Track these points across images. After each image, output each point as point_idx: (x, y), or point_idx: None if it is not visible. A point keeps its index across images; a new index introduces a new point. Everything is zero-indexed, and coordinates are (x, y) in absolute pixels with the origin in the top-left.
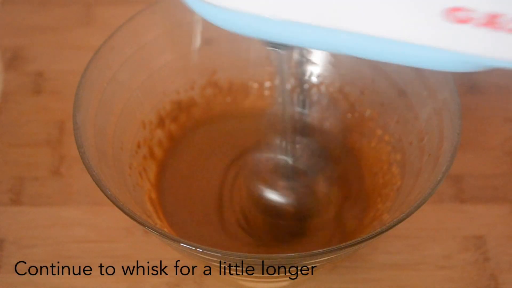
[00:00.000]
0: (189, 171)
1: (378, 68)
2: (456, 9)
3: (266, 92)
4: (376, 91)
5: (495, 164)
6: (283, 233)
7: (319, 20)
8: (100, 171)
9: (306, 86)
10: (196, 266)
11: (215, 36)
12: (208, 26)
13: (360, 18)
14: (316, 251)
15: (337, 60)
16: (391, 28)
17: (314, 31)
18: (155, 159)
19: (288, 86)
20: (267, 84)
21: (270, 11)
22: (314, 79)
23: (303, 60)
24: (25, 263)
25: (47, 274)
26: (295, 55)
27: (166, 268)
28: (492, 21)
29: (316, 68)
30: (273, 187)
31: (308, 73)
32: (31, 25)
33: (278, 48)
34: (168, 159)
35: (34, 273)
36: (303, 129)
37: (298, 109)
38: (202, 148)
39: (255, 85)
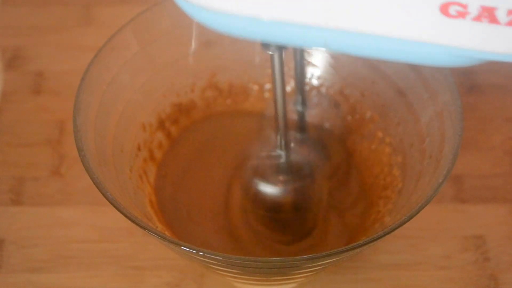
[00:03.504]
0: (187, 171)
1: (378, 70)
2: (450, 4)
3: (266, 94)
4: (376, 93)
5: (495, 164)
6: (284, 228)
7: (313, 19)
8: (100, 174)
9: (306, 87)
10: (196, 266)
11: (215, 38)
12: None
13: (354, 16)
14: (318, 254)
15: (337, 62)
16: (387, 25)
17: (309, 30)
18: (155, 162)
19: (283, 86)
20: (267, 86)
21: (264, 12)
22: (314, 81)
23: (304, 63)
24: (25, 263)
25: (47, 274)
26: (296, 58)
27: (166, 268)
28: (486, 15)
29: (317, 70)
30: (271, 182)
31: (309, 75)
32: (31, 25)
33: (274, 49)
34: (167, 160)
35: (34, 273)
36: (301, 127)
37: (297, 108)
38: (200, 148)
39: (255, 87)
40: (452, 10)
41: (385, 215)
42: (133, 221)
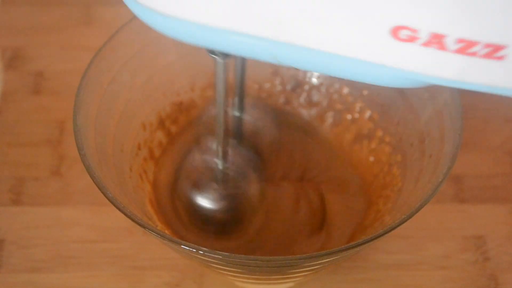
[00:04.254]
0: (187, 170)
1: None
2: (401, 28)
3: (264, 94)
4: (376, 92)
5: (495, 164)
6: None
7: (263, 31)
8: (100, 173)
9: (242, 92)
10: (196, 266)
11: None
12: None
13: (305, 32)
14: (318, 253)
15: None
16: (337, 44)
17: (258, 42)
18: (155, 161)
19: (224, 92)
20: (267, 85)
21: (213, 20)
22: (314, 80)
23: (244, 66)
24: (25, 263)
25: (47, 274)
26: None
27: (166, 268)
28: (435, 41)
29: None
30: (206, 191)
31: (308, 74)
32: (31, 25)
33: (219, 56)
34: (167, 158)
35: (34, 273)
36: (238, 132)
37: (236, 113)
38: (197, 143)
39: (255, 86)
40: (403, 34)
41: (385, 214)
42: (133, 220)
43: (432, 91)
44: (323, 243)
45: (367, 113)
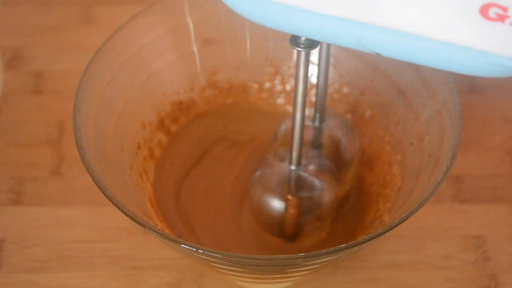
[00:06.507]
0: (187, 168)
1: (378, 69)
2: (491, 6)
3: (265, 94)
4: (376, 92)
5: (495, 164)
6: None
7: (349, 12)
8: (100, 172)
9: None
10: (196, 266)
11: (215, 37)
12: (208, 27)
13: (391, 13)
14: (317, 252)
15: (337, 61)
16: (424, 25)
17: (343, 24)
18: (155, 160)
19: (305, 90)
20: (267, 84)
21: (300, 2)
22: (314, 80)
23: (328, 72)
24: (25, 263)
25: (47, 274)
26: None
27: (166, 268)
28: None
29: (316, 69)
30: (280, 197)
31: (308, 74)
32: (31, 25)
33: (303, 45)
34: (167, 157)
35: (34, 273)
36: (315, 143)
37: (314, 122)
38: (197, 142)
39: (255, 86)
40: (492, 12)
41: (385, 213)
42: (133, 219)
43: (432, 91)
44: (322, 243)
45: (367, 113)
